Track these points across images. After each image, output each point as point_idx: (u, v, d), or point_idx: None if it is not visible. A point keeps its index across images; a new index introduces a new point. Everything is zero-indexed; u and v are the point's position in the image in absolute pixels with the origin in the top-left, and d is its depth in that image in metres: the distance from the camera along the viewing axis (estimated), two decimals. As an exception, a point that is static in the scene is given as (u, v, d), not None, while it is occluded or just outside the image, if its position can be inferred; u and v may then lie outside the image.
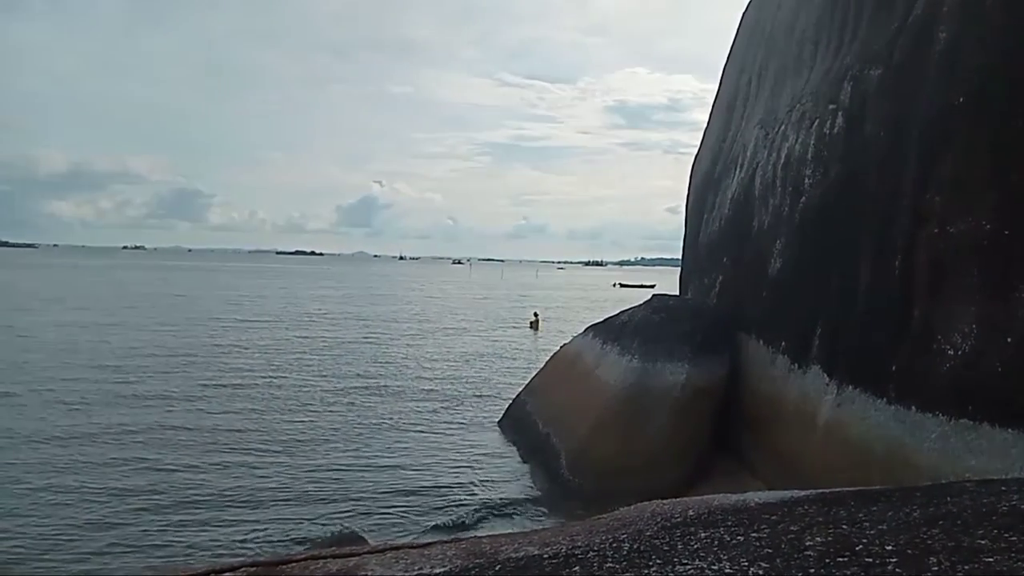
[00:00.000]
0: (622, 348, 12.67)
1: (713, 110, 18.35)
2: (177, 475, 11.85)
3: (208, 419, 15.80)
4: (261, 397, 18.51)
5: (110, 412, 16.19)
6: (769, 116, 13.33)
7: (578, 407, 12.70)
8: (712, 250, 15.40)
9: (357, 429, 15.66)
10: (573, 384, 13.66)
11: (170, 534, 9.51)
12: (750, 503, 4.47)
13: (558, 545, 3.83)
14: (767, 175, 12.53)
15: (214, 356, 25.14)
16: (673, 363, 11.81)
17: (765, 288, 11.89)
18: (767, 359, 11.32)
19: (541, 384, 15.54)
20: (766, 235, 12.18)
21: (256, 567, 3.83)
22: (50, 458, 12.41)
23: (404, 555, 3.92)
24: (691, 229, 17.81)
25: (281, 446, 13.92)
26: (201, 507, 10.47)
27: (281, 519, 10.18)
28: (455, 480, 12.26)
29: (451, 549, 4.06)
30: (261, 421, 15.89)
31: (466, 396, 19.80)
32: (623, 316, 14.11)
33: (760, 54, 14.96)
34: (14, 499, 10.44)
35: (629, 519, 4.42)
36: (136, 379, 20.28)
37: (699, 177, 17.84)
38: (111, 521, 9.83)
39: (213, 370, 22.26)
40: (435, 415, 17.36)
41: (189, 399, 17.80)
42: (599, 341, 13.85)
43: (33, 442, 13.40)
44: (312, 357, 26.12)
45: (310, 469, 12.53)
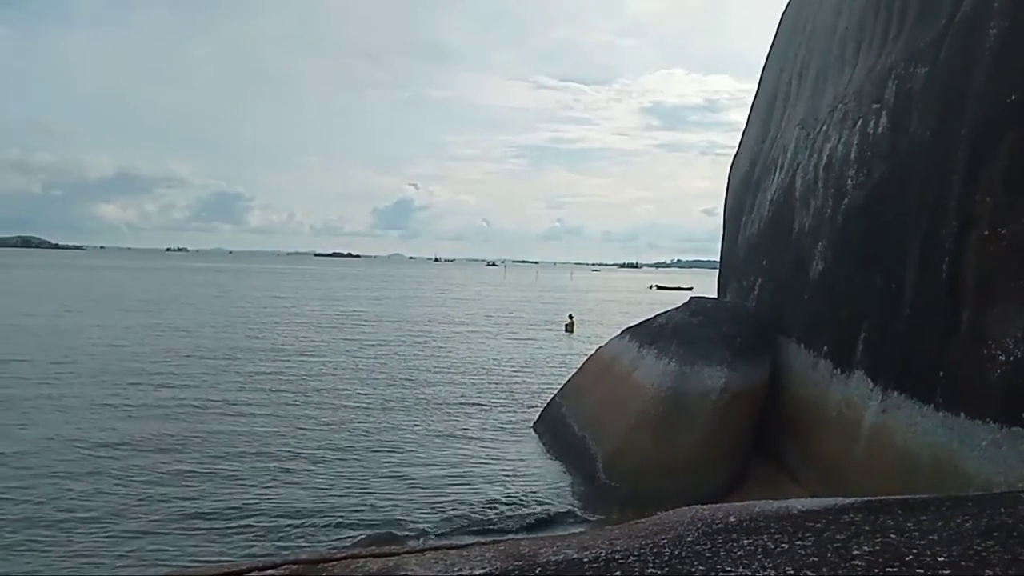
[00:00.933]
0: (659, 351, 12.57)
1: (752, 111, 18.10)
2: (217, 476, 12.01)
3: (246, 422, 15.97)
4: (297, 400, 18.67)
5: (149, 414, 16.49)
6: (810, 116, 13.11)
7: (614, 410, 12.63)
8: (751, 252, 15.19)
9: (391, 431, 15.77)
10: (609, 387, 13.59)
11: (213, 534, 9.68)
12: (793, 510, 4.39)
13: (597, 549, 3.81)
14: (808, 176, 12.32)
15: (252, 358, 25.52)
16: (712, 367, 11.67)
17: (806, 291, 11.70)
18: (808, 363, 11.13)
19: (576, 387, 15.49)
20: (807, 237, 11.98)
21: (298, 564, 3.89)
22: (90, 460, 12.62)
23: (443, 556, 3.94)
24: (729, 231, 17.58)
25: (318, 448, 14.04)
26: (242, 508, 10.60)
27: (320, 520, 10.28)
28: (490, 482, 12.28)
29: (490, 551, 4.07)
30: (297, 424, 16.04)
31: (501, 398, 19.83)
32: (660, 319, 13.99)
33: (801, 53, 14.72)
34: (56, 502, 10.65)
35: (669, 524, 4.38)
36: (174, 382, 20.61)
37: (738, 178, 17.61)
38: (152, 521, 10.01)
39: (250, 373, 22.55)
40: (470, 417, 17.41)
41: (226, 402, 18.02)
42: (636, 344, 13.75)
43: (74, 444, 13.64)
44: (347, 359, 26.38)
45: (346, 471, 12.62)
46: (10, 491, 10.96)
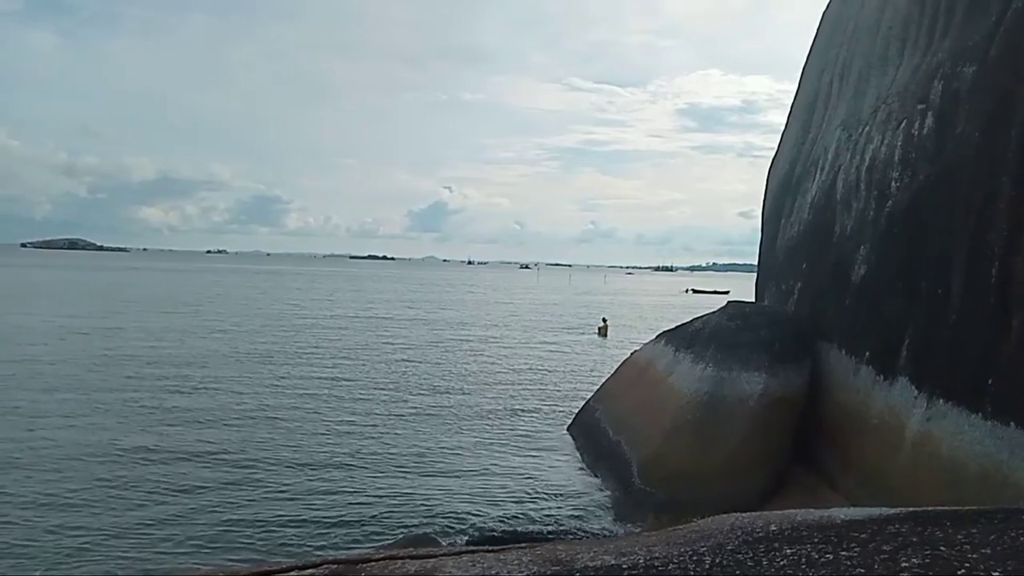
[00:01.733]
0: (696, 356, 12.42)
1: (792, 111, 17.80)
2: (254, 479, 12.16)
3: (281, 425, 16.13)
4: (332, 403, 18.81)
5: (188, 417, 16.73)
6: (852, 117, 12.85)
7: (650, 415, 12.52)
8: (791, 256, 14.94)
9: (424, 433, 15.85)
10: (644, 391, 13.48)
11: (254, 534, 9.83)
12: (836, 519, 4.30)
13: (635, 555, 3.77)
14: (850, 178, 12.07)
15: (287, 361, 25.84)
16: (749, 372, 11.50)
17: (847, 295, 11.46)
18: (850, 369, 10.89)
19: (611, 391, 15.39)
20: (849, 240, 11.74)
21: (338, 564, 3.92)
22: (127, 464, 12.84)
23: (480, 559, 3.94)
24: (768, 234, 17.31)
25: (353, 451, 14.16)
26: (279, 510, 10.74)
27: (355, 521, 10.39)
28: (524, 485, 12.28)
29: (527, 555, 4.06)
30: (332, 427, 16.19)
31: (534, 401, 19.82)
32: (697, 323, 13.84)
33: (842, 53, 14.44)
34: (97, 497, 10.91)
35: (708, 531, 4.32)
36: (211, 385, 20.89)
37: (777, 180, 17.34)
38: (193, 521, 10.21)
39: (285, 376, 22.80)
40: (503, 420, 17.43)
41: (262, 405, 18.19)
42: (671, 348, 13.62)
43: (111, 447, 13.89)
44: (381, 362, 26.58)
45: (381, 474, 12.73)
46: (53, 493, 11.21)
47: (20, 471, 11.95)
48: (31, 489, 11.26)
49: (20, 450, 13.09)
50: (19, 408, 16.44)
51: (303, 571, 3.77)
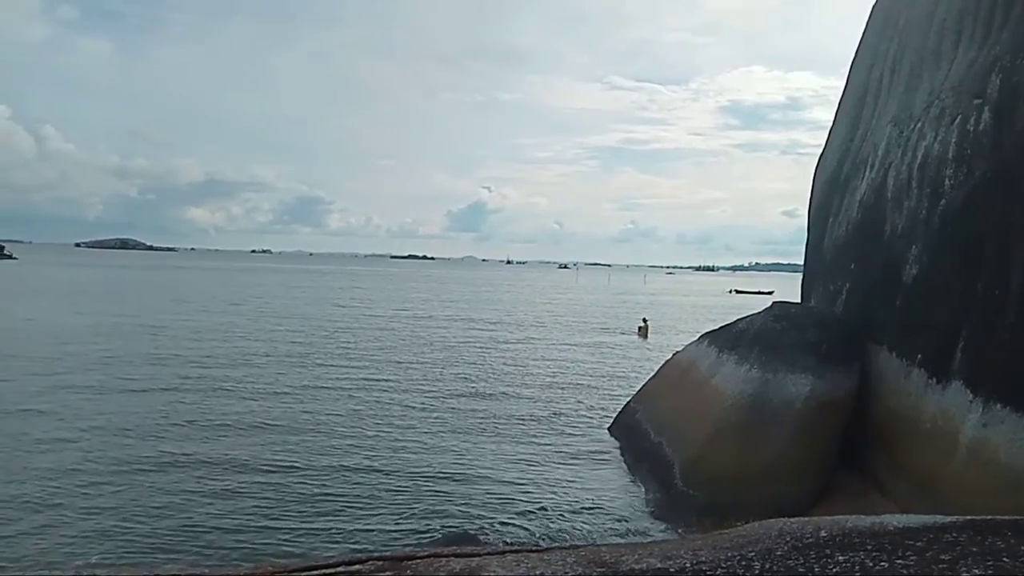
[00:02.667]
0: (740, 357, 12.23)
1: (839, 108, 17.41)
2: (296, 477, 12.30)
3: (322, 423, 16.26)
4: (370, 402, 18.91)
5: (229, 412, 17.03)
6: (903, 113, 12.51)
7: (692, 417, 12.37)
8: (838, 255, 14.61)
9: (464, 432, 15.90)
10: (687, 393, 13.32)
11: (298, 531, 9.99)
12: (889, 526, 4.19)
13: (681, 559, 3.73)
14: (901, 176, 11.76)
15: (327, 359, 26.12)
16: (796, 374, 11.28)
17: (898, 296, 11.16)
18: (900, 372, 10.61)
19: (652, 392, 15.26)
20: (900, 239, 11.43)
21: (383, 561, 3.96)
22: (169, 461, 13.07)
23: (524, 559, 3.93)
24: (815, 233, 16.96)
25: (392, 448, 14.26)
26: (321, 507, 10.87)
27: (397, 519, 10.46)
28: (565, 484, 12.24)
29: (571, 556, 4.04)
30: (371, 424, 16.29)
31: (574, 401, 19.74)
32: (741, 324, 13.62)
33: (893, 47, 14.07)
34: (140, 495, 11.15)
35: (756, 536, 4.24)
36: (251, 381, 21.29)
37: (824, 178, 16.97)
38: (238, 518, 10.40)
39: (325, 373, 23.05)
40: (543, 419, 17.39)
41: (301, 403, 18.36)
42: (715, 349, 13.43)
43: (154, 445, 14.20)
44: (420, 361, 26.71)
45: (420, 471, 12.78)
46: (87, 493, 11.51)
47: (66, 471, 12.27)
48: (77, 488, 11.63)
49: (67, 450, 13.46)
50: (63, 410, 16.80)
51: (350, 567, 3.81)
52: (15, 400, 17.28)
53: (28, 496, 10.72)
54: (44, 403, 17.07)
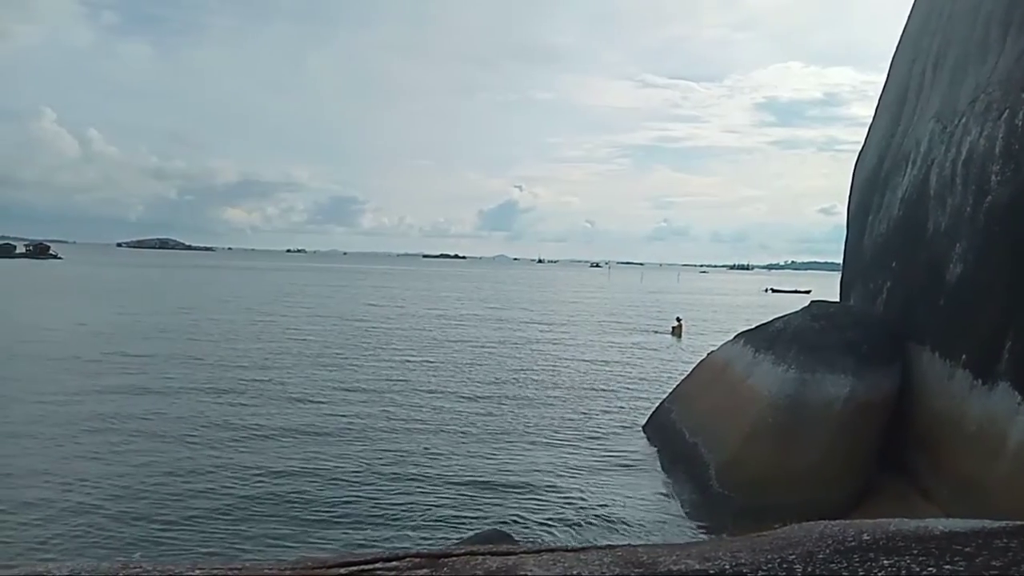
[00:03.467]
0: (777, 357, 12.05)
1: (880, 103, 17.04)
2: (331, 474, 12.42)
3: (355, 422, 16.38)
4: (403, 400, 19.01)
5: (263, 411, 17.28)
6: (947, 108, 12.19)
7: (728, 417, 12.22)
8: (879, 254, 14.30)
9: (497, 431, 15.92)
10: (722, 393, 13.17)
11: (332, 526, 10.15)
12: (934, 531, 4.09)
13: (720, 561, 3.68)
14: (945, 172, 11.47)
15: (359, 358, 26.41)
16: (835, 374, 11.07)
17: (941, 296, 10.89)
18: (944, 373, 10.35)
19: (687, 391, 15.11)
20: (943, 238, 11.15)
21: (420, 558, 3.98)
22: (208, 456, 13.37)
23: (560, 558, 3.92)
24: (854, 231, 16.63)
25: (424, 446, 14.35)
26: (353, 504, 10.99)
27: (430, 516, 10.53)
28: (599, 484, 12.20)
29: (607, 556, 4.02)
30: (403, 423, 16.38)
31: (608, 401, 19.66)
32: (777, 323, 13.42)
33: (936, 40, 13.72)
34: (178, 495, 11.35)
35: (796, 539, 4.18)
36: (286, 378, 21.65)
37: (863, 175, 16.63)
38: (276, 513, 10.59)
39: (357, 371, 23.31)
40: (576, 419, 17.34)
41: (333, 403, 18.50)
42: (751, 349, 13.25)
43: (192, 441, 14.53)
44: (451, 360, 26.84)
45: (453, 471, 12.83)
46: (143, 492, 11.82)
47: (106, 473, 12.57)
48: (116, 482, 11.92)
49: (107, 452, 13.77)
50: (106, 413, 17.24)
51: (388, 563, 3.83)
52: (56, 401, 17.77)
53: (68, 498, 10.97)
54: (86, 404, 17.54)
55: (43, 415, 15.96)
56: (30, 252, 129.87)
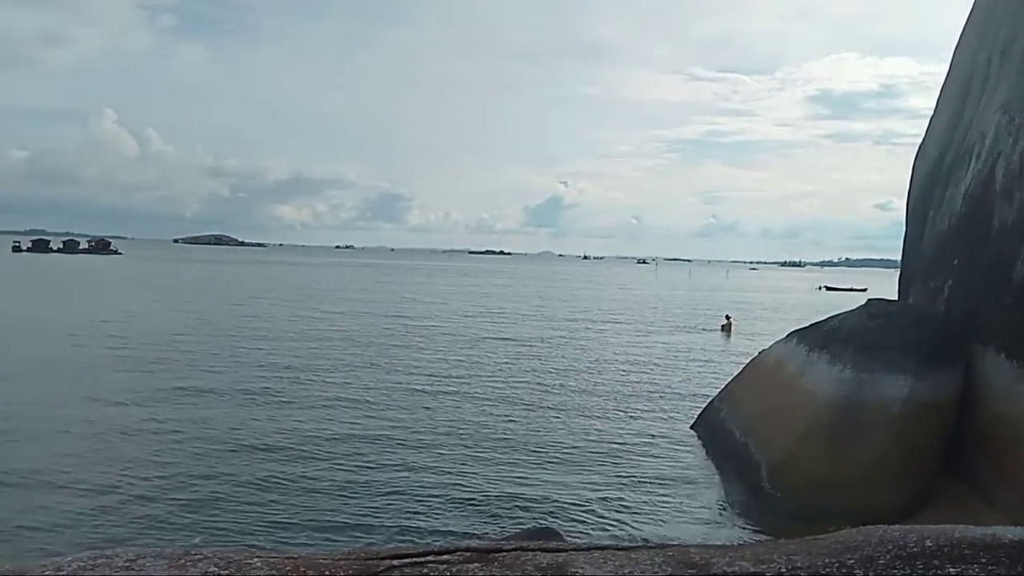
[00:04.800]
0: (832, 356, 11.74)
1: (942, 95, 16.43)
2: (380, 470, 12.57)
3: (401, 418, 16.49)
4: (449, 397, 19.03)
5: (304, 410, 17.32)
6: (1016, 99, 11.69)
7: (780, 417, 11.97)
8: (940, 251, 13.81)
9: (544, 428, 15.89)
10: (774, 393, 12.90)
11: (382, 518, 10.30)
12: (1003, 539, 3.92)
13: (775, 564, 3.60)
14: (1012, 166, 11.00)
15: (406, 353, 26.65)
16: (893, 375, 10.73)
17: (1008, 295, 10.46)
18: (1011, 375, 9.94)
19: (737, 390, 14.86)
20: (1010, 234, 10.70)
21: (471, 552, 3.99)
22: (266, 448, 13.70)
23: (611, 556, 3.89)
24: (913, 227, 16.09)
25: (470, 443, 14.37)
26: (405, 498, 11.13)
27: (477, 512, 10.61)
28: (647, 482, 12.09)
29: (659, 555, 3.96)
30: (451, 418, 16.46)
31: (655, 399, 19.46)
32: (832, 322, 13.07)
33: (1003, 29, 13.15)
34: (236, 485, 11.64)
35: (854, 543, 4.06)
36: (329, 373, 21.99)
37: (924, 169, 16.07)
38: (332, 507, 10.78)
39: (402, 368, 23.44)
40: (624, 416, 17.22)
41: (376, 397, 18.68)
42: (804, 348, 12.94)
43: (248, 434, 14.85)
44: (497, 356, 26.92)
45: (501, 467, 12.88)
46: (203, 482, 12.13)
47: (162, 462, 12.97)
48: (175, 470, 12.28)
49: (166, 444, 14.22)
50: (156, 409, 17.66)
51: (439, 556, 3.85)
52: (118, 392, 18.44)
53: (131, 486, 11.38)
54: (145, 394, 18.16)
55: (107, 406, 16.62)
56: (92, 248, 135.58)
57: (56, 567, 3.07)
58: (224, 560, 3.32)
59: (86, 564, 3.14)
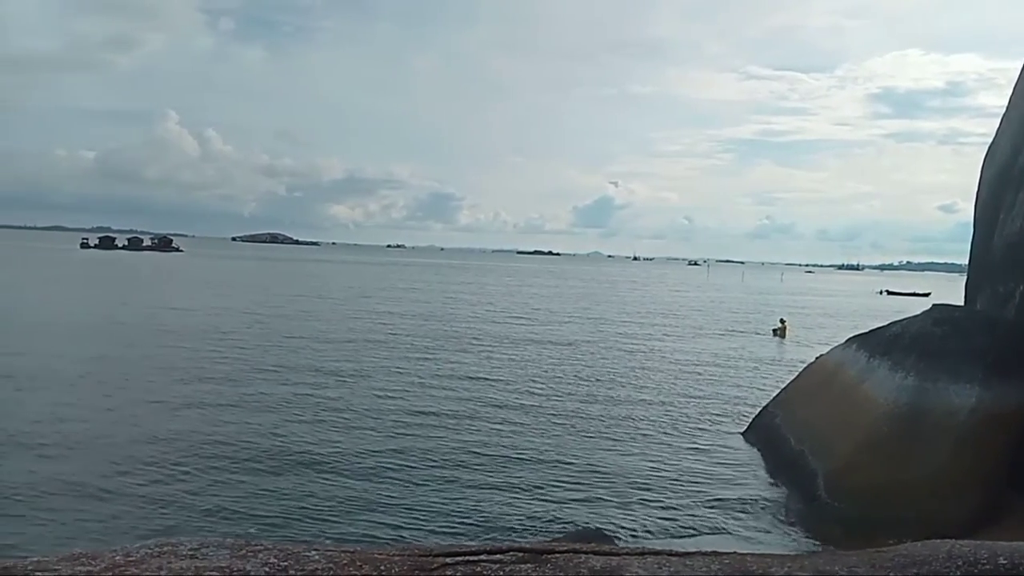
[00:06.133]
0: (894, 363, 11.36)
1: (1015, 92, 15.71)
2: (431, 467, 12.68)
3: (454, 420, 16.48)
4: (499, 398, 19.03)
5: (349, 409, 17.44)
6: (1096, 95, 11.10)
7: (839, 425, 11.63)
8: (1011, 254, 13.20)
9: (594, 431, 15.74)
10: (832, 399, 12.55)
11: (433, 516, 10.39)
12: (1084, 559, 3.73)
13: (836, 576, 3.50)
14: (1092, 166, 10.45)
15: (454, 351, 26.83)
16: (959, 384, 10.32)
17: (1086, 301, 9.94)
18: (1087, 386, 9.45)
19: (793, 396, 14.50)
20: (1088, 238, 10.17)
21: (523, 552, 3.98)
22: (326, 442, 13.97)
23: (666, 561, 3.82)
24: (982, 230, 15.43)
25: (521, 445, 14.35)
26: (456, 495, 11.21)
27: (530, 512, 10.61)
28: (699, 488, 11.89)
29: (714, 562, 3.89)
30: (500, 422, 16.39)
31: (706, 403, 19.11)
32: (895, 327, 12.65)
33: (1083, 22, 12.53)
34: (294, 479, 11.90)
35: (920, 557, 3.91)
36: (373, 372, 22.29)
37: (995, 170, 15.40)
38: (385, 500, 10.95)
39: (453, 365, 23.65)
40: (675, 420, 16.96)
41: (424, 396, 18.74)
42: (864, 354, 12.56)
43: (308, 427, 15.21)
44: (547, 357, 26.86)
45: (550, 468, 12.85)
46: (260, 475, 12.44)
47: (221, 455, 13.33)
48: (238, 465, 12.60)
49: (227, 438, 14.57)
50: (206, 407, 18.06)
51: (491, 555, 3.85)
52: (182, 383, 19.05)
53: (193, 479, 11.74)
54: (208, 394, 18.70)
55: (173, 396, 17.20)
56: (155, 245, 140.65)
57: (126, 553, 3.18)
58: (283, 552, 3.39)
59: (153, 551, 3.25)
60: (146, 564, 3.04)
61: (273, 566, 3.15)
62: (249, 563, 3.18)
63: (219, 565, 3.11)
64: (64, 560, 3.05)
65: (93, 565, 2.98)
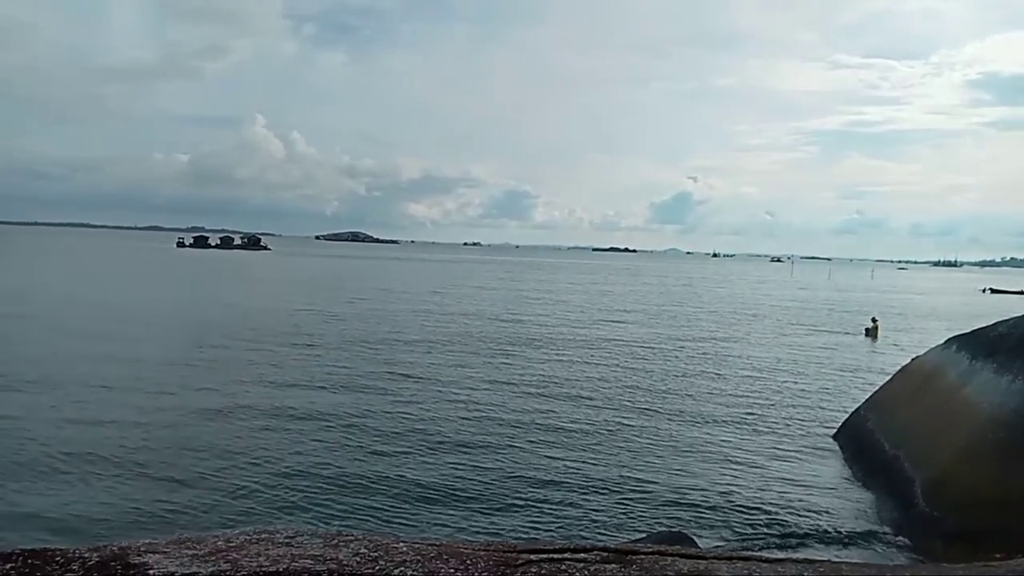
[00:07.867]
0: (1000, 366, 10.67)
1: None
2: (512, 465, 12.73)
3: (526, 417, 16.38)
4: (583, 397, 18.82)
5: (417, 406, 17.38)
6: None
7: (938, 430, 11.01)
8: None
9: (676, 434, 15.36)
10: (930, 403, 11.90)
11: (516, 513, 10.46)
12: None
13: (943, 590, 3.31)
14: None
15: (530, 352, 26.67)
16: (1074, 388, 9.60)
17: None
18: None
19: (886, 399, 13.83)
20: None
21: (607, 552, 3.95)
22: (414, 436, 14.21)
23: (755, 567, 3.72)
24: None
25: (604, 444, 14.20)
26: (540, 493, 11.21)
27: (613, 511, 10.53)
28: (787, 492, 11.49)
29: (807, 570, 3.76)
30: (578, 421, 16.21)
31: (794, 405, 18.44)
32: (1000, 327, 11.89)
33: None
34: (378, 473, 12.11)
35: (1034, 574, 3.67)
36: (444, 369, 22.48)
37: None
38: (468, 496, 11.08)
39: (527, 367, 23.44)
40: (761, 423, 16.40)
41: (497, 398, 18.50)
42: (966, 356, 11.86)
43: (388, 421, 15.50)
44: (632, 356, 26.56)
45: (630, 466, 12.70)
46: (345, 469, 12.79)
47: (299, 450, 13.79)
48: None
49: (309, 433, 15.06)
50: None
51: (576, 554, 3.85)
52: (271, 383, 19.82)
53: (289, 468, 12.16)
54: (295, 386, 19.39)
55: (262, 392, 17.93)
56: (245, 244, 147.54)
57: (227, 539, 3.35)
58: (372, 543, 3.48)
59: (251, 538, 3.41)
60: (245, 550, 3.19)
61: (364, 556, 3.24)
62: (341, 552, 3.29)
63: (313, 553, 3.23)
64: (171, 543, 3.23)
65: (198, 549, 3.15)
